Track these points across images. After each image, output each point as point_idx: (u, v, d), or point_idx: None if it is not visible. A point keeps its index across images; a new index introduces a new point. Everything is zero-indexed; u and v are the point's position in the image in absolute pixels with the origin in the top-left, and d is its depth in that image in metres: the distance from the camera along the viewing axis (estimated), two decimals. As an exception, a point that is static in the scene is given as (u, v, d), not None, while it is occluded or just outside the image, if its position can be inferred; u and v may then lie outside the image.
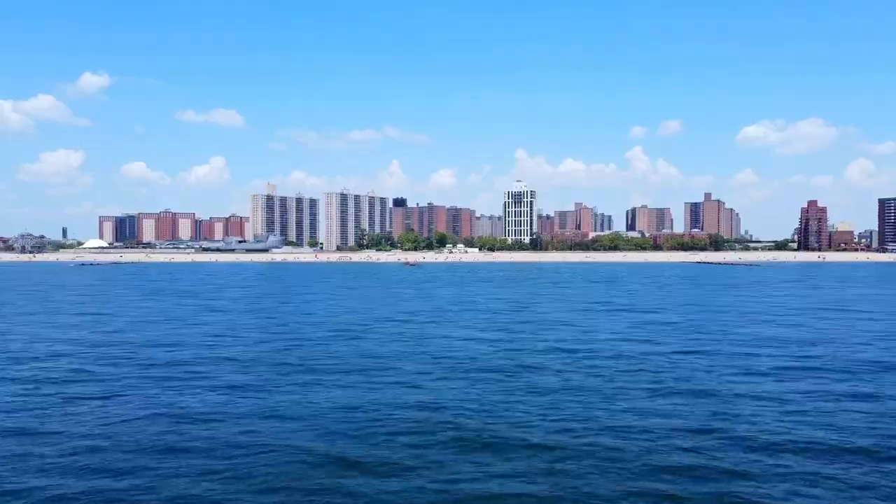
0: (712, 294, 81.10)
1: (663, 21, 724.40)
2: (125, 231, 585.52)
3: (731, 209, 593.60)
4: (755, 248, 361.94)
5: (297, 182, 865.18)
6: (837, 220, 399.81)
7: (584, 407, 22.59)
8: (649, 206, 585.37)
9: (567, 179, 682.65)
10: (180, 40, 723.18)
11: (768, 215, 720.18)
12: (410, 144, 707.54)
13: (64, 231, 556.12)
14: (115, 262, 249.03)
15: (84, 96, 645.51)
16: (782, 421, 20.71)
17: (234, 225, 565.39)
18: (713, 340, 38.96)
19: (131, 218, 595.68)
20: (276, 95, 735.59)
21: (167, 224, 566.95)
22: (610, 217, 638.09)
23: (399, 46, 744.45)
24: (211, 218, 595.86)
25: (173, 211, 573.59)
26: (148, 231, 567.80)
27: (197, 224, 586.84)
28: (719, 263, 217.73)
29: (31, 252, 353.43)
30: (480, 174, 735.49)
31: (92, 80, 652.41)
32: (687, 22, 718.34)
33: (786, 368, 29.75)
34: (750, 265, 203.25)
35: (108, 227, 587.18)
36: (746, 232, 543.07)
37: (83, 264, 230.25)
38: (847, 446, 18.14)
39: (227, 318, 52.32)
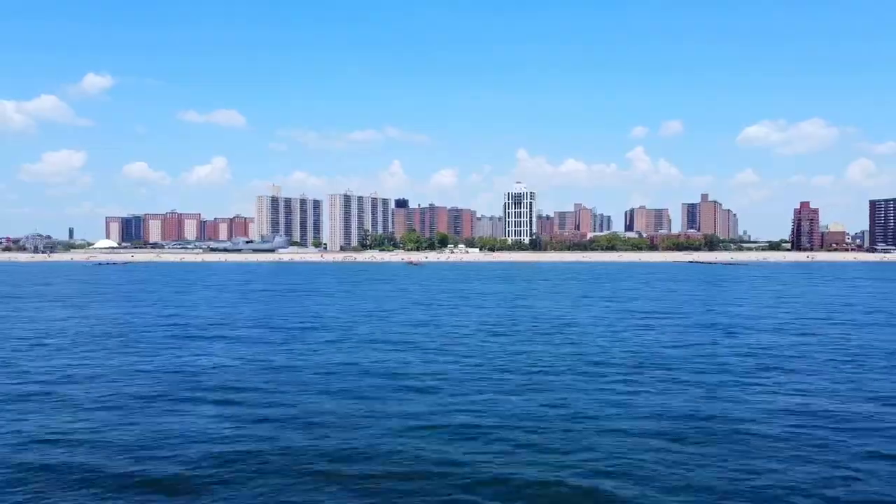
0: (686, 288, 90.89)
1: (664, 21, 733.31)
2: (131, 231, 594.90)
3: (728, 210, 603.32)
4: (749, 248, 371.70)
5: (297, 182, 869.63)
6: (835, 220, 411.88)
7: (552, 352, 32.47)
8: (647, 207, 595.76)
9: (568, 179, 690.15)
10: (182, 40, 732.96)
11: (768, 215, 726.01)
12: (411, 145, 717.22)
13: (70, 231, 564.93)
14: (128, 262, 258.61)
15: (86, 97, 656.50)
16: (677, 356, 30.51)
17: (238, 225, 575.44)
18: (662, 317, 48.81)
19: (137, 219, 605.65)
20: (277, 95, 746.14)
21: (173, 225, 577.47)
22: (609, 217, 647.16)
23: (399, 47, 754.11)
24: (215, 218, 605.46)
25: (179, 212, 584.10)
26: (154, 231, 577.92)
27: (202, 224, 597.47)
28: (710, 263, 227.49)
29: (44, 252, 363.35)
30: (481, 174, 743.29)
31: (95, 81, 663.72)
32: (688, 22, 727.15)
33: (699, 333, 39.71)
34: (735, 264, 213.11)
35: (115, 228, 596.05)
36: (745, 232, 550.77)
37: (100, 264, 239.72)
38: (716, 367, 28.03)
39: (267, 307, 62.17)
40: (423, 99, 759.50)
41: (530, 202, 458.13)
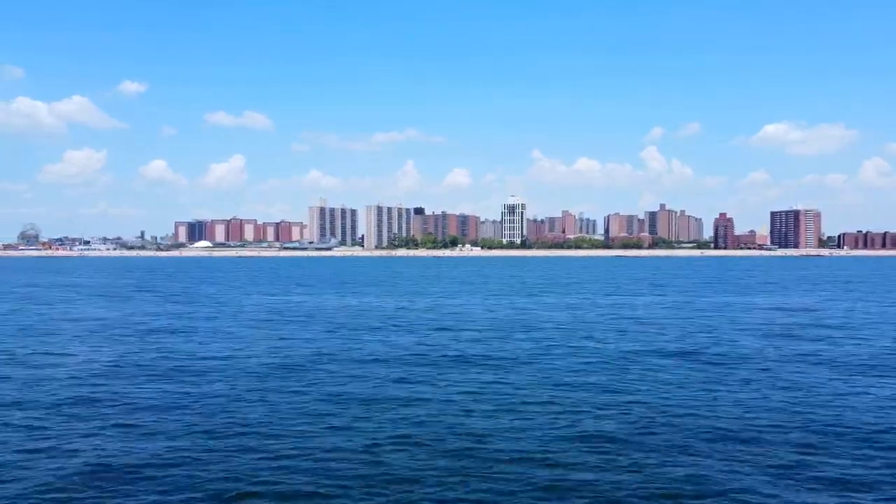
0: (576, 271, 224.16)
1: (687, 25, 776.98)
2: (194, 233, 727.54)
3: (690, 216, 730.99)
4: (679, 248, 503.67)
5: (312, 181, 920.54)
6: (762, 224, 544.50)
7: (509, 300, 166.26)
8: (621, 213, 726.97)
9: (582, 179, 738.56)
10: (213, 45, 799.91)
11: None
12: (429, 146, 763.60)
13: (142, 233, 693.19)
14: (248, 257, 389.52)
15: (119, 99, 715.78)
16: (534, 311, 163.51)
17: (283, 229, 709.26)
18: (541, 284, 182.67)
19: (200, 223, 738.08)
20: (302, 98, 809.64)
21: (235, 228, 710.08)
22: (594, 221, 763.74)
23: (421, 51, 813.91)
24: (264, 223, 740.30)
25: (240, 217, 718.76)
26: (219, 234, 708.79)
27: (256, 228, 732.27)
28: (629, 257, 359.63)
29: (168, 249, 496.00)
30: (495, 174, 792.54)
31: (129, 87, 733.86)
32: (699, 26, 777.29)
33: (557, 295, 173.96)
34: (635, 257, 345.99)
35: (182, 230, 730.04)
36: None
37: (236, 258, 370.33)
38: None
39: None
40: (442, 101, 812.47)
41: (522, 211, 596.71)
